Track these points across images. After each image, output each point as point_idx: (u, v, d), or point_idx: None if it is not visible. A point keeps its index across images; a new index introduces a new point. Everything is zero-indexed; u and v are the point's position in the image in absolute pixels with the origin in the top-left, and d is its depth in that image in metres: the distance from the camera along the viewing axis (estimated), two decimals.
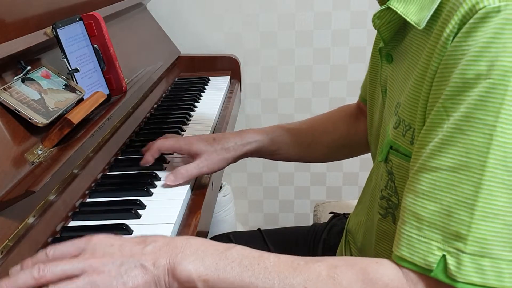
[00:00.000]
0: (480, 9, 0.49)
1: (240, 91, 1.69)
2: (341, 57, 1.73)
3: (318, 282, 0.52)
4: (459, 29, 0.51)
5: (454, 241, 0.49)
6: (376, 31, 0.68)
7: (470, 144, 0.49)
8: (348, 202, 1.29)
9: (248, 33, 1.72)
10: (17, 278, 0.53)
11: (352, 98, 1.06)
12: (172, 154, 0.96)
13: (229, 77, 1.62)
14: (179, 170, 0.85)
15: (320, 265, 0.53)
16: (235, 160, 0.90)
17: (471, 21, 0.50)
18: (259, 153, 0.93)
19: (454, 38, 0.51)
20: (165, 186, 0.86)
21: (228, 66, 1.68)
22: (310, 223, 1.18)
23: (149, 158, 0.89)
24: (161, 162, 0.94)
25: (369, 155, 0.89)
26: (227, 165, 0.90)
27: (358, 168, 1.86)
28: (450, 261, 0.49)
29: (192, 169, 0.85)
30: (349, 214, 1.00)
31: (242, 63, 1.72)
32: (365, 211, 0.81)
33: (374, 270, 0.52)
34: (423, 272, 0.51)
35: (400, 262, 0.52)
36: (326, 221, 1.07)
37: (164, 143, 0.89)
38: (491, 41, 0.48)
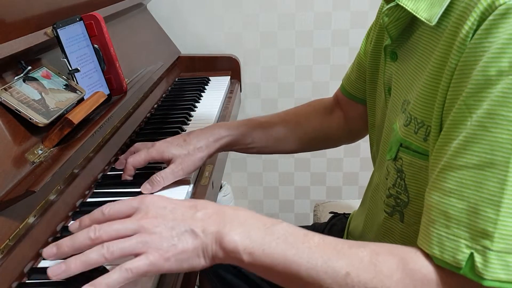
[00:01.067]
0: (500, 5, 0.49)
1: (240, 91, 1.69)
2: (341, 57, 1.73)
3: (360, 268, 0.53)
4: (478, 26, 0.51)
5: (481, 239, 0.49)
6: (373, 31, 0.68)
7: (494, 141, 0.49)
8: (348, 202, 1.29)
9: (248, 33, 1.72)
10: (75, 238, 0.56)
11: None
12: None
13: (229, 77, 1.62)
14: (155, 178, 0.84)
15: (363, 250, 0.54)
16: (209, 157, 0.90)
17: (490, 17, 0.49)
18: (232, 147, 0.93)
19: (473, 35, 0.51)
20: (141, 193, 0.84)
21: (228, 66, 1.68)
22: (310, 223, 1.18)
23: (127, 178, 0.88)
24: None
25: (369, 154, 0.89)
26: (203, 163, 0.90)
27: (358, 168, 1.86)
28: (478, 258, 0.49)
29: (167, 175, 0.84)
30: (349, 214, 1.00)
31: (242, 63, 1.72)
32: (365, 211, 0.81)
33: (414, 261, 0.53)
34: (453, 270, 0.51)
35: (433, 260, 0.53)
36: (326, 220, 1.08)
37: (136, 158, 0.87)
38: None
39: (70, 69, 0.89)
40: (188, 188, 0.86)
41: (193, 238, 0.55)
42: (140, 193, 0.84)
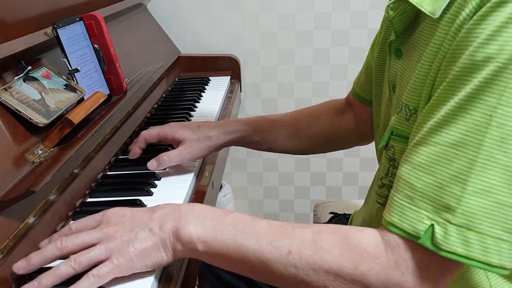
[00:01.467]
0: None
1: (240, 91, 1.69)
2: (341, 57, 1.73)
3: (301, 246, 0.56)
4: (475, 13, 0.52)
5: (444, 212, 0.51)
6: (376, 31, 0.68)
7: (471, 123, 0.50)
8: (348, 202, 1.29)
9: (248, 33, 1.72)
10: (44, 250, 0.60)
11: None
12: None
13: (229, 77, 1.62)
14: (162, 157, 0.88)
15: (305, 230, 0.57)
16: (218, 148, 0.93)
17: (488, 5, 0.50)
18: (242, 143, 0.96)
19: (469, 21, 0.52)
20: (147, 169, 0.89)
21: (228, 66, 1.68)
22: (310, 223, 1.18)
23: (136, 149, 0.92)
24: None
25: (369, 154, 0.89)
26: (210, 153, 0.93)
27: (358, 168, 1.86)
28: (438, 230, 0.51)
29: (174, 156, 0.88)
30: (349, 214, 1.00)
31: (242, 63, 1.72)
32: (367, 208, 0.81)
33: (354, 237, 0.55)
34: (410, 238, 0.52)
35: (389, 227, 0.54)
36: (326, 221, 1.08)
37: (149, 131, 0.92)
38: (503, 25, 0.49)
39: (70, 69, 0.89)
40: (188, 188, 0.86)
41: (151, 236, 0.60)
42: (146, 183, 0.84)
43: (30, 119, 0.74)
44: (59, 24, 0.88)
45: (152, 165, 0.88)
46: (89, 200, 0.84)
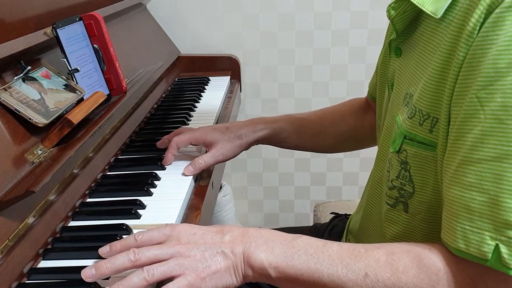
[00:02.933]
0: None
1: (240, 91, 1.69)
2: (341, 57, 1.73)
3: (377, 268, 0.56)
4: (485, 19, 0.51)
5: (505, 229, 0.50)
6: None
7: (510, 133, 0.49)
8: (349, 202, 1.29)
9: (248, 33, 1.72)
10: (115, 260, 0.60)
11: (352, 98, 1.07)
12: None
13: (229, 77, 1.62)
14: (197, 161, 0.90)
15: (379, 252, 0.58)
16: (247, 146, 0.95)
17: (497, 10, 0.50)
18: (269, 141, 0.98)
19: (480, 28, 0.52)
20: (184, 175, 0.90)
21: (228, 66, 1.67)
22: (310, 223, 1.18)
23: (170, 156, 0.94)
24: (162, 162, 0.94)
25: (369, 154, 0.89)
26: (241, 152, 0.95)
27: (358, 168, 1.86)
28: (503, 249, 0.50)
29: (208, 158, 0.91)
30: (350, 215, 1.00)
31: (242, 63, 1.72)
32: (362, 206, 0.81)
33: (428, 256, 0.55)
34: (480, 262, 0.52)
35: (459, 254, 0.54)
36: (327, 221, 1.07)
37: (181, 138, 0.93)
38: None
39: (70, 69, 0.89)
40: (188, 188, 0.86)
41: (224, 259, 0.60)
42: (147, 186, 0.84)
43: (29, 119, 0.74)
44: (59, 24, 0.88)
45: (188, 170, 0.89)
46: (88, 200, 0.84)
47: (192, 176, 0.90)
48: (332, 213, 1.09)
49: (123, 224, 0.74)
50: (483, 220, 0.51)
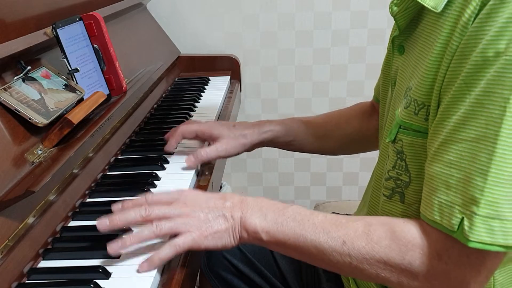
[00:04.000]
0: None
1: (240, 91, 1.69)
2: (341, 57, 1.73)
3: (354, 237, 0.62)
4: (479, 11, 0.54)
5: (470, 205, 0.54)
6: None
7: (489, 117, 0.53)
8: (349, 202, 1.29)
9: (248, 33, 1.72)
10: (128, 214, 0.67)
11: (352, 98, 1.07)
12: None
13: (229, 77, 1.62)
14: (199, 152, 0.92)
15: (358, 223, 0.63)
16: (251, 147, 0.98)
17: (491, 2, 0.53)
18: (274, 143, 1.00)
19: (474, 19, 0.55)
20: (187, 166, 0.93)
21: (228, 66, 1.67)
22: None
23: (173, 143, 0.97)
24: (162, 162, 0.94)
25: (369, 154, 0.89)
26: (244, 151, 0.97)
27: (358, 168, 1.86)
28: (466, 222, 0.54)
29: (211, 151, 0.93)
30: (350, 215, 1.00)
31: (242, 63, 1.72)
32: (366, 204, 0.81)
33: (401, 229, 0.61)
34: (448, 233, 0.56)
35: (434, 225, 0.58)
36: None
37: (188, 128, 0.97)
38: (510, 21, 0.52)
39: (70, 69, 0.89)
40: (187, 188, 0.86)
41: (224, 221, 0.67)
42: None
43: (29, 119, 0.74)
44: (59, 24, 0.88)
45: (190, 160, 0.92)
46: (88, 200, 0.84)
47: (192, 176, 0.90)
48: (332, 213, 1.09)
49: None
50: (456, 195, 0.55)
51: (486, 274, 0.57)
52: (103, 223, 0.66)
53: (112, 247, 0.65)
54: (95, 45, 0.98)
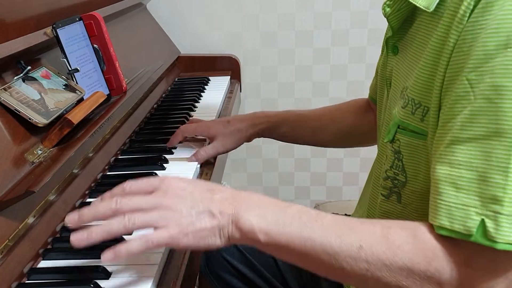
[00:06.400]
0: None
1: (240, 91, 1.69)
2: (341, 57, 1.73)
3: (372, 241, 0.55)
4: (475, 6, 0.53)
5: (492, 204, 0.50)
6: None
7: (500, 111, 0.50)
8: (349, 202, 1.29)
9: (248, 33, 1.72)
10: (97, 207, 0.59)
11: (352, 98, 1.07)
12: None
13: (229, 77, 1.62)
14: (199, 152, 0.96)
15: (375, 225, 0.57)
16: (248, 139, 1.01)
17: None
18: (270, 134, 1.02)
19: (470, 14, 0.53)
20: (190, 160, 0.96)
21: (228, 66, 1.67)
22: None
23: (173, 141, 1.02)
24: (162, 162, 0.94)
25: (369, 154, 0.89)
26: (241, 144, 1.01)
27: (358, 168, 1.86)
28: (489, 223, 0.50)
29: (209, 149, 0.97)
30: (350, 215, 1.00)
31: (242, 63, 1.72)
32: (366, 204, 0.82)
33: (423, 233, 0.55)
34: (463, 238, 0.52)
35: (440, 231, 0.54)
36: None
37: (187, 127, 1.02)
38: (508, 13, 0.50)
39: (70, 69, 0.89)
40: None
41: (210, 218, 0.58)
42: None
43: (29, 119, 0.74)
44: (59, 24, 0.88)
45: (191, 159, 0.95)
46: (88, 200, 0.84)
47: (192, 176, 0.90)
48: (332, 213, 1.09)
49: None
50: (470, 197, 0.52)
51: None
52: (71, 219, 0.59)
53: (77, 237, 0.57)
54: (95, 45, 0.98)
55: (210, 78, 1.58)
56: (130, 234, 0.63)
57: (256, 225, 0.58)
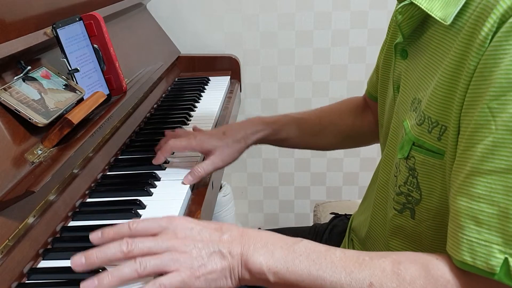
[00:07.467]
0: None
1: (240, 91, 1.69)
2: (341, 57, 1.73)
3: (383, 277, 0.54)
4: (498, 28, 0.50)
5: None
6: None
7: None
8: (349, 202, 1.29)
9: (248, 33, 1.72)
10: (107, 250, 0.57)
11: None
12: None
13: (229, 77, 1.62)
14: (196, 169, 0.88)
15: (384, 260, 0.56)
16: (247, 148, 0.94)
17: (510, 20, 0.49)
18: (268, 141, 0.97)
19: (493, 37, 0.51)
20: (183, 183, 0.88)
21: (228, 66, 1.67)
22: (310, 223, 1.18)
23: (161, 157, 0.92)
24: (162, 162, 0.94)
25: (369, 154, 0.89)
26: (240, 155, 0.94)
27: (358, 168, 1.86)
28: None
29: (207, 166, 0.89)
30: (350, 215, 1.00)
31: (242, 63, 1.72)
32: (370, 208, 0.81)
33: (435, 267, 0.54)
34: (486, 276, 0.51)
35: (463, 267, 0.52)
36: (327, 221, 1.07)
37: (177, 143, 0.91)
38: None
39: (70, 69, 0.89)
40: (188, 188, 0.86)
41: (221, 259, 0.58)
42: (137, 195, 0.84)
43: (29, 119, 0.74)
44: (59, 24, 0.88)
45: (187, 179, 0.87)
46: (88, 200, 0.84)
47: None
48: (332, 213, 1.09)
49: None
50: (492, 233, 0.50)
51: None
52: (78, 262, 0.57)
53: (87, 285, 0.55)
54: (95, 45, 0.98)
55: (210, 78, 1.58)
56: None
57: (265, 265, 0.57)
